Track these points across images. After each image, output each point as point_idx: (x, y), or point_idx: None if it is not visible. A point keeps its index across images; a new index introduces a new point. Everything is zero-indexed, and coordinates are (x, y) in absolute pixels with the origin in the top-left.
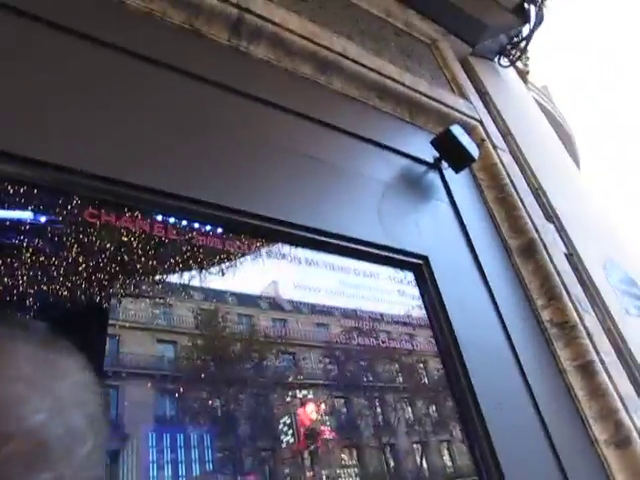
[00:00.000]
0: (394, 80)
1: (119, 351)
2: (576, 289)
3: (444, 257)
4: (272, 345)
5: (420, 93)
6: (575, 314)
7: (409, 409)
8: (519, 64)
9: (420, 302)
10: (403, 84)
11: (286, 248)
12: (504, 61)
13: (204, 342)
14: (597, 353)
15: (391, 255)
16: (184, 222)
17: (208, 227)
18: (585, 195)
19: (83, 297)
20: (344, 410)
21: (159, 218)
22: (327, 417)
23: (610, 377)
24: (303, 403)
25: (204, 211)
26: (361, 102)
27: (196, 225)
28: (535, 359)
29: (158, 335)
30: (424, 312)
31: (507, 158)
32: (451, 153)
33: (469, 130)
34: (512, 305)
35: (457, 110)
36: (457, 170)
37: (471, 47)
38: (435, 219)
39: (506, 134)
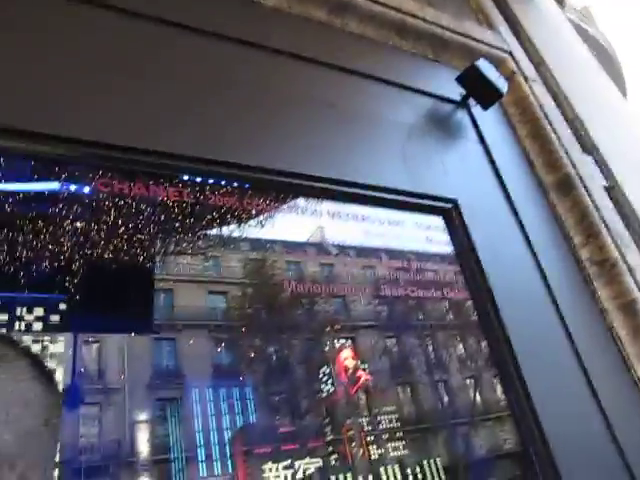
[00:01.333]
0: (414, 16)
1: (173, 304)
2: (617, 224)
3: (475, 200)
4: (321, 289)
5: (443, 28)
6: (616, 251)
7: (460, 346)
8: None
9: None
10: (424, 19)
11: (313, 201)
12: None
13: (254, 291)
14: None
15: (418, 201)
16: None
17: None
18: (628, 123)
19: (126, 258)
20: (395, 350)
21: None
22: (365, 361)
23: None
24: (340, 350)
25: (228, 171)
26: (380, 43)
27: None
28: (574, 300)
29: (209, 287)
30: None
31: (540, 89)
32: (478, 89)
33: (498, 63)
34: (548, 245)
35: (484, 42)
36: (485, 107)
37: None
38: (464, 160)
39: (539, 64)
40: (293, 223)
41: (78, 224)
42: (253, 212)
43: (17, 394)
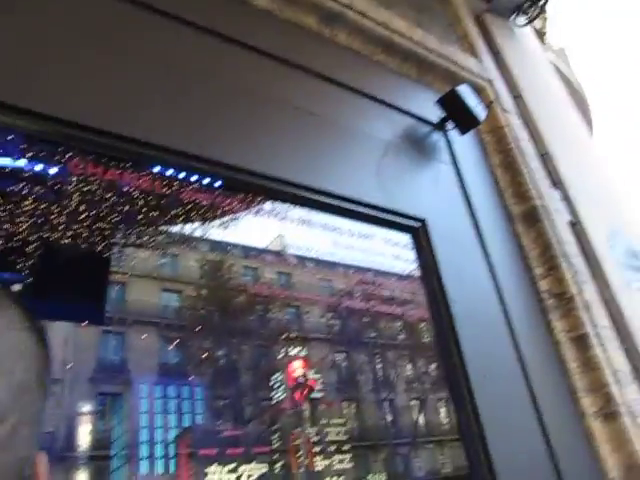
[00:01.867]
0: (402, 35)
1: (125, 299)
2: (577, 259)
3: (443, 221)
4: (276, 298)
5: (428, 50)
6: (574, 285)
7: (409, 366)
8: (536, 24)
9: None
10: (411, 39)
11: (281, 206)
12: (521, 20)
13: (209, 292)
14: (593, 326)
15: (388, 217)
16: (183, 177)
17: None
18: (594, 163)
19: (85, 246)
20: (344, 365)
21: (161, 173)
22: (316, 370)
23: (604, 350)
24: (291, 360)
25: (201, 167)
26: (366, 57)
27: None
28: (530, 329)
29: (164, 284)
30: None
31: (515, 121)
32: (457, 114)
33: (478, 90)
34: (510, 273)
35: (466, 69)
36: (463, 132)
37: (487, 3)
38: (436, 181)
39: (517, 96)
40: (254, 228)
41: (40, 205)
42: (219, 212)
43: (9, 344)
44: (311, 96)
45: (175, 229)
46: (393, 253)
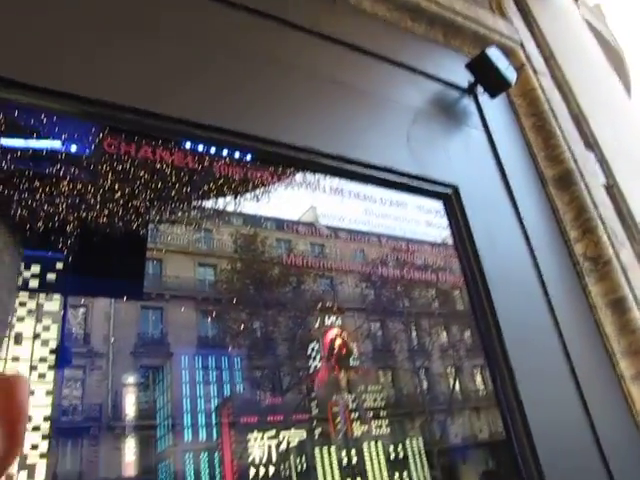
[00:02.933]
0: None
1: (162, 274)
2: (613, 222)
3: (475, 187)
4: (309, 269)
5: (456, 13)
6: (610, 248)
7: (444, 334)
8: None
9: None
10: (437, 3)
11: (313, 177)
12: None
13: (243, 266)
14: (631, 289)
15: (419, 184)
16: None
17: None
18: (632, 124)
19: (121, 224)
20: (379, 334)
21: (192, 148)
22: (351, 341)
23: None
24: (328, 329)
25: (232, 140)
26: (392, 24)
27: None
28: (565, 293)
29: (199, 259)
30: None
31: (548, 83)
32: (487, 77)
33: (508, 52)
34: (544, 237)
35: (496, 31)
36: (493, 95)
37: None
38: (467, 147)
39: (549, 57)
40: (288, 200)
41: (76, 185)
42: (250, 185)
43: None
44: (339, 65)
45: (208, 204)
46: (427, 220)
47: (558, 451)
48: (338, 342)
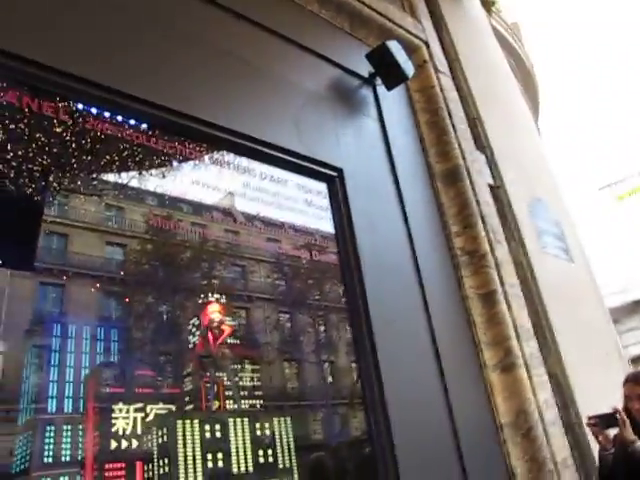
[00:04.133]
0: None
1: (67, 250)
2: (493, 220)
3: (361, 173)
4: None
5: (363, 4)
6: (487, 244)
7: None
8: None
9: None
10: None
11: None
12: None
13: (154, 247)
14: (502, 284)
15: (305, 164)
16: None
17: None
18: (527, 135)
19: (12, 187)
20: (287, 325)
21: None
22: (232, 317)
23: (510, 307)
24: (207, 303)
25: (123, 103)
26: (300, 6)
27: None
28: (440, 283)
29: (108, 237)
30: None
31: (448, 83)
32: (385, 69)
33: (412, 49)
34: (425, 229)
35: (402, 27)
36: (389, 87)
37: None
38: (359, 134)
39: (453, 59)
40: (203, 184)
41: None
42: (155, 159)
43: None
44: (235, 39)
45: (111, 176)
46: (307, 199)
47: (414, 434)
48: (217, 317)
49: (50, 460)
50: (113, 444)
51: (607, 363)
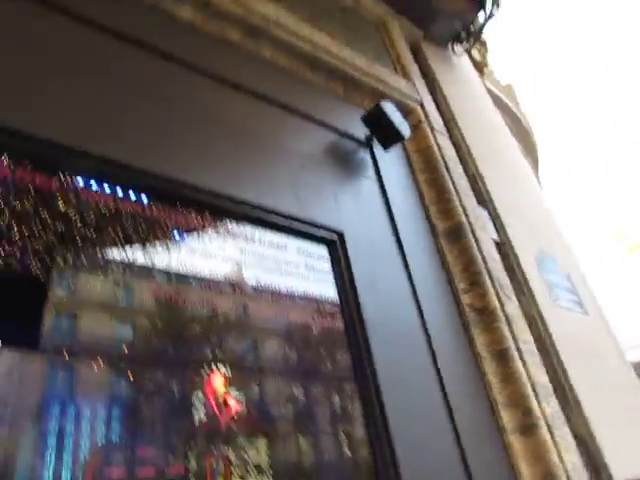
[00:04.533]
0: (327, 52)
1: (75, 329)
2: (501, 275)
3: (362, 234)
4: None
5: (356, 68)
6: (496, 300)
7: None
8: (477, 56)
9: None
10: (337, 57)
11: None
12: (459, 49)
13: (163, 324)
14: (515, 340)
15: (304, 228)
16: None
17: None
18: (529, 190)
19: (18, 267)
20: (300, 397)
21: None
22: (239, 389)
23: (525, 364)
24: (210, 374)
25: (121, 173)
26: (292, 73)
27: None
28: (450, 343)
29: (116, 315)
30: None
31: (445, 142)
32: (381, 130)
33: (408, 111)
34: (431, 287)
35: (396, 89)
36: (386, 147)
37: (423, 31)
38: (358, 195)
39: (449, 119)
40: (211, 255)
41: None
42: (160, 232)
43: None
44: (233, 108)
45: (117, 253)
46: (308, 264)
47: None
48: (222, 389)
49: None
50: None
51: (636, 420)
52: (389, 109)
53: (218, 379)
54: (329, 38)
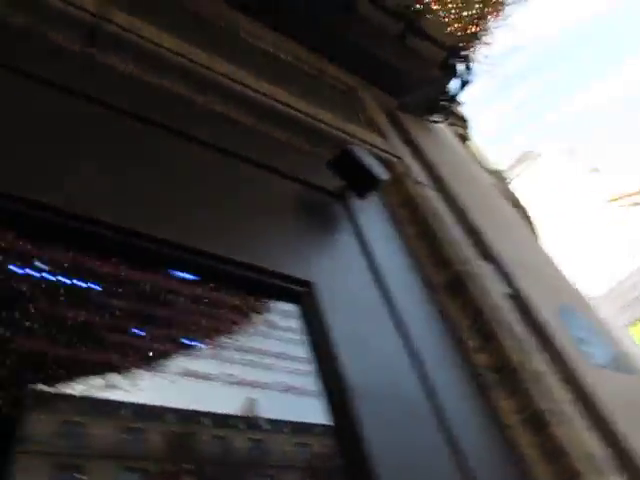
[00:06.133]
0: (287, 105)
1: None
2: (517, 328)
3: (339, 286)
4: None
5: (315, 119)
6: (517, 354)
7: None
8: (459, 129)
9: None
10: (297, 109)
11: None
12: (436, 117)
13: (175, 468)
14: (549, 401)
15: (269, 280)
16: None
17: None
18: (535, 246)
19: None
20: None
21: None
22: None
23: (569, 430)
24: None
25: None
26: (250, 127)
27: None
28: (467, 413)
29: (124, 463)
30: None
31: (430, 193)
32: (353, 176)
33: (386, 165)
34: (433, 346)
35: (368, 142)
36: (361, 195)
37: (397, 100)
38: (332, 248)
39: (435, 175)
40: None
41: None
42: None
43: None
44: (198, 165)
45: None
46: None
47: None
48: None
49: None
50: None
51: None
52: (359, 152)
53: None
54: (292, 95)
